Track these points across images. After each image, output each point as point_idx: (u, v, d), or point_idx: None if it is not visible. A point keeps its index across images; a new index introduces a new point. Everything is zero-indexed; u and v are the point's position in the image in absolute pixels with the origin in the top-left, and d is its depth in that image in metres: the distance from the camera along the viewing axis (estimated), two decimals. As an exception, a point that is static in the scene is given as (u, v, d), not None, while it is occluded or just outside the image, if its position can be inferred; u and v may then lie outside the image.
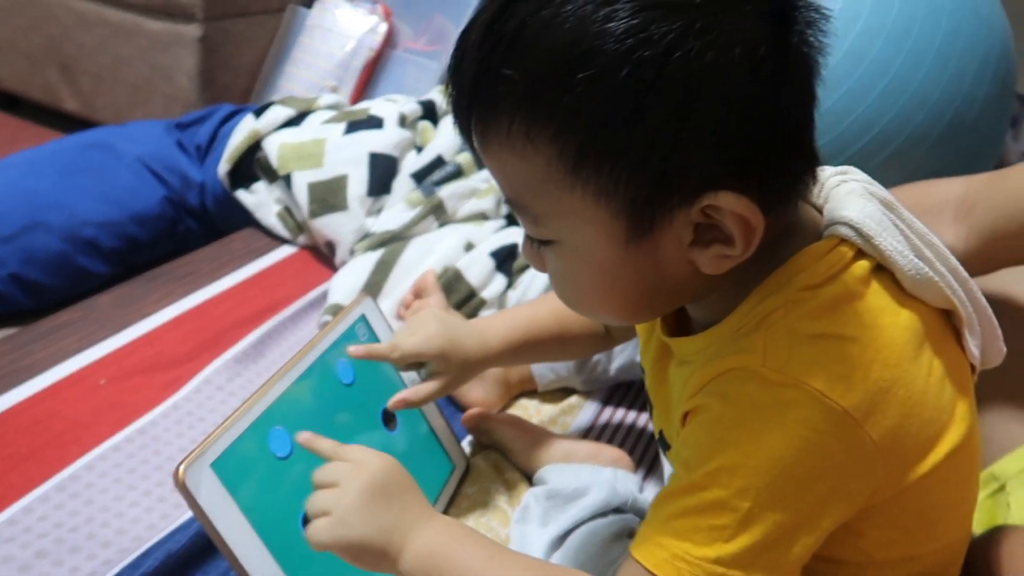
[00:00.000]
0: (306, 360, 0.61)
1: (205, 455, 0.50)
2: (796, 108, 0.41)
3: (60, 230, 1.04)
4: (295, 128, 1.15)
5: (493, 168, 0.44)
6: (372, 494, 0.47)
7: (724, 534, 0.40)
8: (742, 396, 0.41)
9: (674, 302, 0.47)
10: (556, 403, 0.87)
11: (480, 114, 0.42)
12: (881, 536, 0.45)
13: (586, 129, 0.39)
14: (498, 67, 0.40)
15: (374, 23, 1.66)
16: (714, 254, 0.42)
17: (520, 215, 0.45)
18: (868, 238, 0.43)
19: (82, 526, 0.65)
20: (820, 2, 0.41)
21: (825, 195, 0.47)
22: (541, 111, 0.39)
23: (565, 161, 0.40)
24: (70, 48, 1.66)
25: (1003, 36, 0.98)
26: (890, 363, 0.41)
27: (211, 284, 1.00)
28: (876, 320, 0.42)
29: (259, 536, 0.51)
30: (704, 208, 0.40)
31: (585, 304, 0.48)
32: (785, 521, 0.40)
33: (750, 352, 0.42)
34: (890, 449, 0.41)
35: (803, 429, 0.40)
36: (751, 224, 0.40)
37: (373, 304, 0.71)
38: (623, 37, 0.37)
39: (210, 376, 0.83)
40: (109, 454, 0.72)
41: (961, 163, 0.93)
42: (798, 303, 0.42)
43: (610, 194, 0.40)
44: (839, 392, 0.40)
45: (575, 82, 0.38)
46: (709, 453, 0.41)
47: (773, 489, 0.40)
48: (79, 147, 1.16)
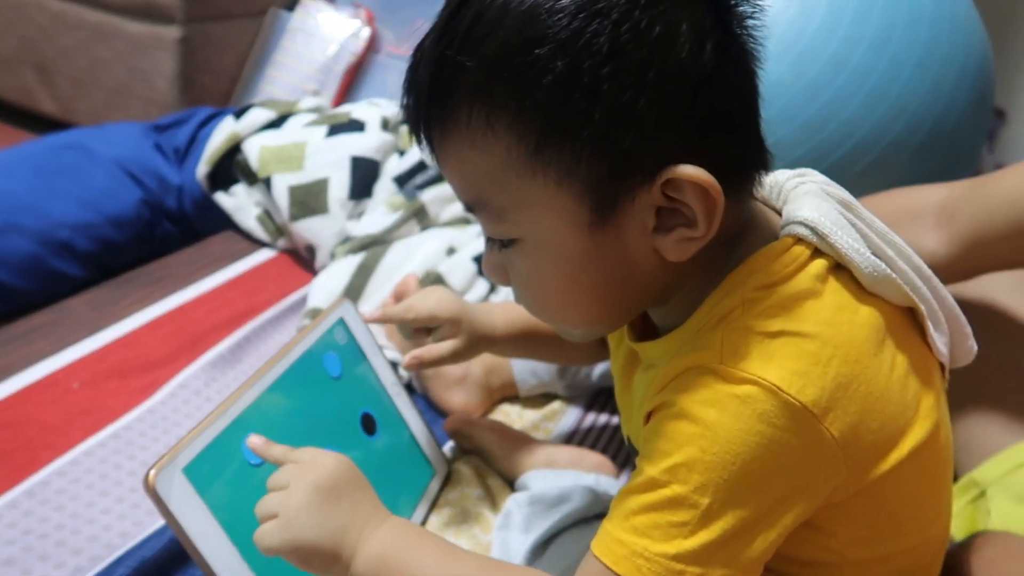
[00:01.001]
0: (282, 364, 0.60)
1: (177, 460, 0.49)
2: (741, 89, 0.42)
3: (33, 232, 1.02)
4: (276, 131, 1.13)
5: (453, 170, 0.44)
6: (321, 494, 0.46)
7: (683, 531, 0.40)
8: (700, 393, 0.41)
9: (640, 300, 0.47)
10: (538, 408, 0.86)
11: (438, 111, 0.42)
12: (851, 535, 0.45)
13: (545, 108, 0.39)
14: (454, 61, 0.41)
15: (356, 27, 1.65)
16: (678, 238, 0.42)
17: (481, 215, 0.45)
18: (824, 236, 0.43)
19: (52, 533, 0.63)
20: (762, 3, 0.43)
21: (783, 197, 0.47)
22: (499, 94, 0.40)
23: (526, 144, 0.40)
24: (47, 49, 1.64)
25: (982, 47, 1.00)
26: (850, 359, 0.41)
27: (188, 287, 0.98)
28: (834, 317, 0.42)
29: (232, 542, 0.50)
30: (664, 186, 0.41)
31: (553, 307, 0.47)
32: (745, 517, 0.40)
33: (708, 349, 0.42)
34: (851, 445, 0.41)
35: (761, 424, 0.40)
36: (712, 197, 0.41)
37: (352, 307, 0.70)
38: (575, 12, 0.38)
39: (187, 380, 0.81)
40: (81, 459, 0.70)
41: (939, 172, 0.94)
42: (755, 301, 0.42)
43: (572, 174, 0.41)
44: (796, 387, 0.40)
45: (531, 60, 0.39)
46: (668, 449, 0.41)
47: (732, 485, 0.40)
48: (54, 148, 1.14)
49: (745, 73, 0.42)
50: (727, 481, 0.40)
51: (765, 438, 0.40)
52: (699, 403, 0.41)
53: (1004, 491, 0.68)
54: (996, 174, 0.70)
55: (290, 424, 0.59)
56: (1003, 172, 0.69)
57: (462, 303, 0.69)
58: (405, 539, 0.46)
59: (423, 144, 0.45)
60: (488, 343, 0.70)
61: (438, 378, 0.84)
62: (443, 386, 0.84)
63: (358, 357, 0.68)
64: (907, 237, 0.49)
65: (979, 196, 0.69)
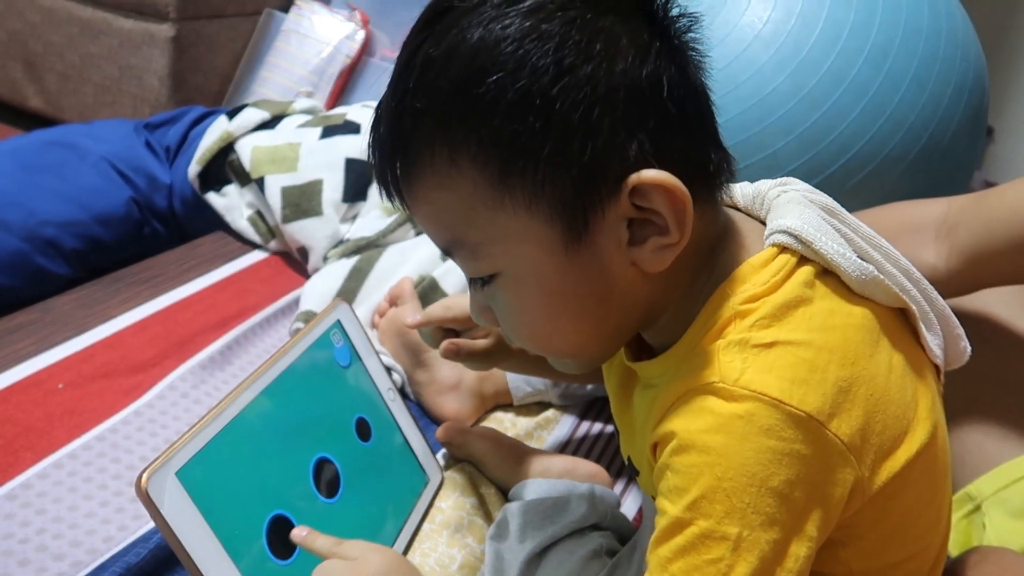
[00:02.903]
0: (278, 367, 0.59)
1: (170, 463, 0.48)
2: (691, 95, 0.42)
3: (19, 229, 1.00)
4: (269, 131, 1.12)
5: (424, 215, 0.45)
6: None
7: (720, 567, 0.39)
8: (702, 418, 0.40)
9: (627, 320, 0.47)
10: (532, 417, 0.85)
11: (402, 158, 0.43)
12: (859, 545, 0.45)
13: (502, 135, 0.40)
14: (410, 105, 0.42)
15: (351, 30, 1.64)
16: (653, 247, 0.42)
17: (459, 258, 0.45)
18: (808, 243, 0.43)
19: (33, 537, 0.61)
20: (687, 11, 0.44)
21: (766, 207, 0.47)
22: (457, 130, 0.41)
23: (489, 174, 0.41)
24: (36, 45, 1.62)
25: (977, 64, 1.00)
26: (847, 362, 0.41)
27: (178, 288, 0.96)
28: (826, 321, 0.42)
29: (224, 549, 0.49)
30: (631, 195, 0.41)
31: (541, 337, 0.47)
32: (775, 538, 0.40)
33: (704, 369, 0.41)
34: (861, 447, 0.41)
35: (769, 440, 0.39)
36: (679, 199, 0.41)
37: (349, 310, 0.69)
38: (517, 38, 0.39)
39: (175, 382, 0.80)
40: (65, 461, 0.68)
41: (934, 187, 0.94)
42: (745, 314, 0.42)
43: (538, 197, 0.41)
44: (798, 398, 0.40)
45: (483, 91, 0.39)
46: (684, 485, 0.40)
47: (756, 507, 0.39)
48: (41, 144, 1.12)
49: (692, 80, 0.43)
50: (750, 505, 0.39)
51: (776, 453, 0.39)
52: (704, 431, 0.40)
53: (999, 506, 0.68)
54: (997, 189, 0.70)
55: (285, 429, 0.57)
56: (1004, 187, 0.69)
57: None
58: None
59: (394, 198, 0.45)
60: (509, 355, 0.71)
61: (431, 384, 0.83)
62: (436, 393, 0.83)
63: (354, 360, 0.67)
64: (906, 251, 0.49)
65: (980, 210, 0.69)
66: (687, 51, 0.43)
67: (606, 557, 0.62)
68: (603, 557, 0.62)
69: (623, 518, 0.69)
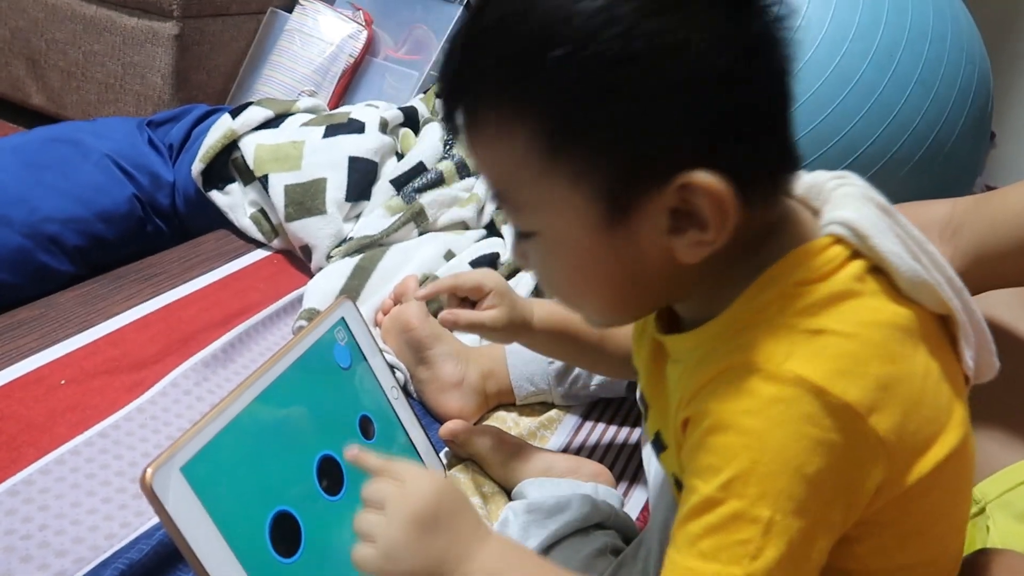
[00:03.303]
0: (282, 364, 0.59)
1: (174, 458, 0.47)
2: (763, 93, 0.41)
3: (21, 225, 1.00)
4: (273, 130, 1.12)
5: (480, 160, 0.45)
6: (419, 525, 0.46)
7: (749, 548, 0.39)
8: (742, 400, 0.40)
9: (657, 297, 0.47)
10: (535, 416, 0.85)
11: (465, 107, 0.44)
12: (877, 542, 0.45)
13: (559, 110, 0.40)
14: (477, 58, 0.42)
15: (355, 30, 1.64)
16: (690, 241, 0.42)
17: (504, 206, 0.46)
18: (865, 238, 0.43)
19: (35, 534, 0.61)
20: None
21: (823, 198, 0.47)
22: (517, 95, 0.41)
23: (541, 144, 0.41)
24: (39, 42, 1.62)
25: (982, 67, 1.01)
26: (888, 359, 0.41)
27: (181, 285, 0.96)
28: (873, 318, 0.42)
29: (229, 546, 0.49)
30: (679, 189, 0.40)
31: (568, 296, 0.48)
32: (804, 526, 0.39)
33: (747, 349, 0.41)
34: (895, 445, 0.41)
35: (807, 427, 0.39)
36: (724, 206, 0.40)
37: (353, 307, 0.68)
38: (590, 17, 0.39)
39: (177, 379, 0.80)
40: (67, 457, 0.68)
41: (939, 189, 0.95)
42: (793, 298, 0.42)
43: (585, 176, 0.41)
44: (841, 387, 0.39)
45: (546, 62, 0.39)
46: (718, 465, 0.40)
47: (789, 493, 0.39)
48: (44, 141, 1.12)
49: (770, 74, 0.42)
50: (783, 490, 0.39)
51: (813, 440, 0.39)
52: (742, 412, 0.40)
53: (1003, 509, 0.68)
54: (1001, 190, 0.69)
55: (288, 426, 0.57)
56: (1008, 189, 0.69)
57: (506, 283, 0.72)
58: (506, 562, 0.47)
59: (455, 133, 0.45)
60: (525, 331, 0.72)
61: (434, 383, 0.83)
62: (439, 391, 0.83)
63: (358, 358, 0.67)
64: None
65: (984, 212, 0.69)
66: (771, 43, 0.41)
67: (611, 556, 0.62)
68: (608, 556, 0.62)
69: (627, 518, 0.69)
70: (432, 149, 1.12)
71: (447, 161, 1.11)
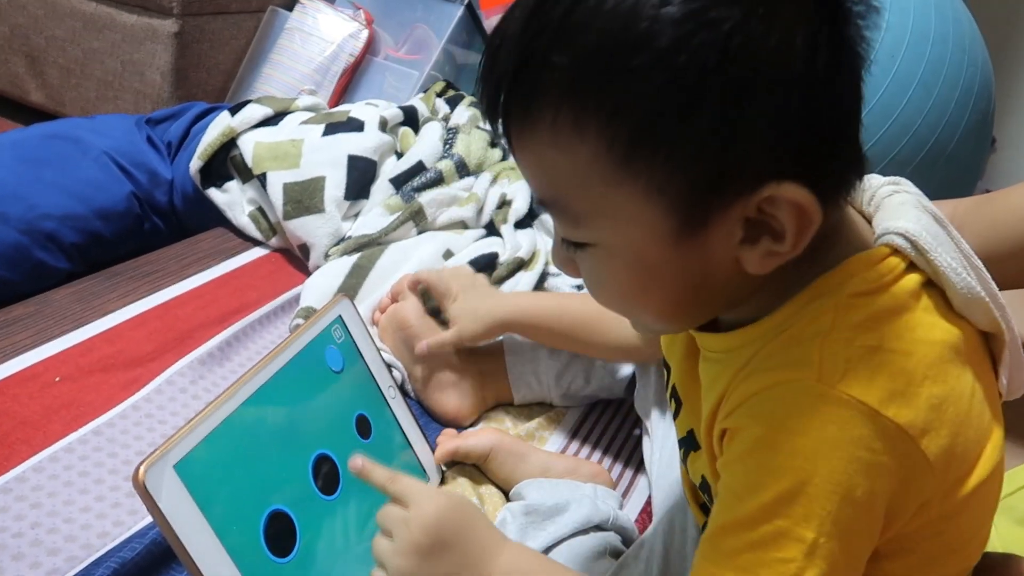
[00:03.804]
0: (278, 362, 0.58)
1: (168, 456, 0.47)
2: (848, 99, 0.39)
3: (18, 221, 0.99)
4: (272, 128, 1.11)
5: (530, 166, 0.42)
6: (423, 553, 0.46)
7: (791, 568, 0.38)
8: (794, 419, 0.39)
9: (716, 307, 0.45)
10: (533, 417, 0.84)
11: (521, 106, 0.40)
12: (911, 560, 0.44)
13: (641, 117, 0.37)
14: (543, 54, 0.38)
15: (355, 29, 1.64)
16: (763, 251, 0.40)
17: (557, 215, 0.43)
18: (923, 252, 0.41)
19: (27, 531, 0.60)
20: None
21: (876, 204, 0.45)
22: (591, 99, 0.37)
23: (615, 153, 0.38)
24: (38, 39, 1.61)
25: (984, 69, 1.00)
26: (939, 380, 0.40)
27: (177, 283, 0.96)
28: (927, 335, 0.41)
29: (223, 545, 0.48)
30: (761, 202, 0.38)
31: (620, 307, 0.46)
32: (849, 547, 0.39)
33: (805, 366, 0.39)
34: (943, 468, 0.40)
35: (860, 451, 0.38)
36: (808, 216, 0.38)
37: (350, 305, 0.68)
38: (681, 21, 0.35)
39: (173, 377, 0.79)
40: (60, 455, 0.68)
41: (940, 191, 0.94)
42: (849, 309, 0.40)
43: (663, 188, 0.38)
44: (894, 409, 0.38)
45: (630, 67, 0.36)
46: (765, 481, 0.39)
47: (836, 516, 0.38)
48: (42, 137, 1.11)
49: (852, 80, 0.39)
50: (831, 513, 0.38)
51: (864, 464, 0.38)
52: (794, 432, 0.39)
53: (1005, 513, 0.68)
54: (1003, 191, 0.69)
55: (284, 425, 0.57)
56: (1009, 190, 0.68)
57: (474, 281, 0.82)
58: (518, 569, 0.46)
59: (500, 132, 0.42)
60: (499, 329, 0.77)
61: (431, 382, 0.83)
62: (436, 390, 0.83)
63: (355, 357, 0.67)
64: None
65: (985, 213, 0.68)
66: (857, 44, 0.39)
67: (610, 558, 0.62)
68: (607, 558, 0.62)
69: (626, 519, 0.68)
70: (431, 148, 1.11)
71: (446, 160, 1.10)
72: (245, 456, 0.52)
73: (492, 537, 0.47)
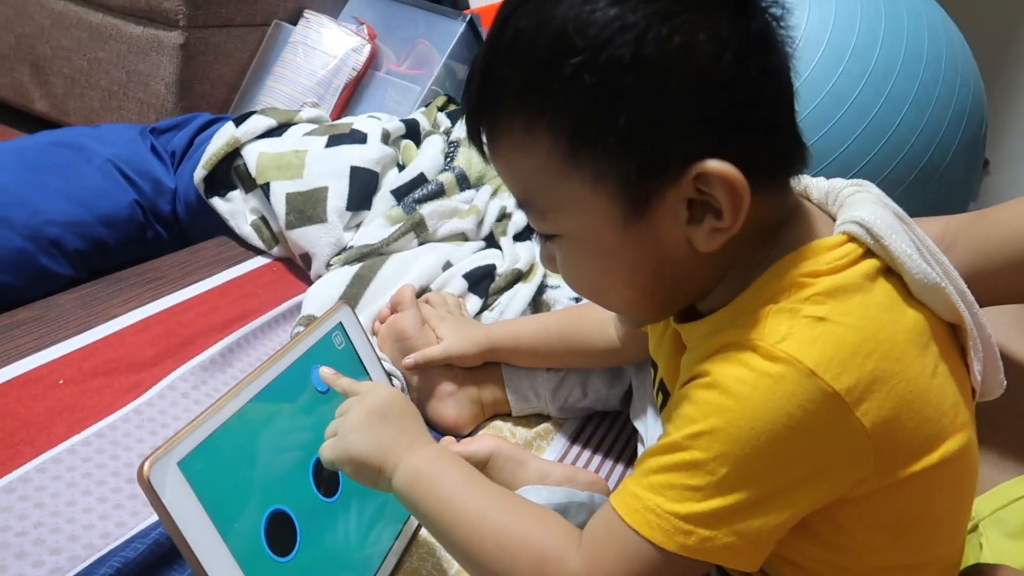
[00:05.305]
0: (281, 364, 0.59)
1: (172, 452, 0.48)
2: (766, 88, 0.43)
3: (22, 227, 1.00)
4: (275, 138, 1.13)
5: (503, 171, 0.48)
6: (372, 416, 0.53)
7: (697, 495, 0.41)
8: (735, 368, 0.42)
9: (682, 291, 0.48)
10: (530, 427, 0.85)
11: (487, 118, 0.46)
12: (871, 539, 0.45)
13: (576, 114, 0.42)
14: (497, 74, 0.45)
15: (358, 44, 1.66)
16: (707, 229, 0.44)
17: (528, 212, 0.48)
18: (878, 238, 0.44)
19: (30, 531, 0.61)
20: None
21: (839, 203, 0.48)
22: (535, 103, 0.43)
23: (561, 148, 0.43)
24: (43, 48, 1.63)
25: (976, 90, 1.02)
26: (891, 356, 0.42)
27: (180, 290, 0.97)
28: (881, 315, 0.43)
29: (224, 542, 0.49)
30: (695, 180, 0.42)
31: (596, 294, 0.50)
32: (761, 493, 0.41)
33: (750, 327, 0.43)
34: (882, 439, 0.42)
35: (790, 407, 0.40)
36: (737, 191, 0.42)
37: (351, 313, 0.69)
38: (602, 25, 0.41)
39: (175, 382, 0.80)
40: (64, 456, 0.68)
41: (933, 209, 0.96)
42: (802, 286, 0.43)
43: (604, 176, 0.43)
44: (832, 374, 0.40)
45: (562, 70, 0.42)
46: (694, 416, 0.42)
47: (751, 461, 0.41)
48: (47, 144, 1.12)
49: (771, 72, 0.44)
50: (747, 456, 0.40)
51: (793, 420, 0.40)
52: (733, 378, 0.42)
53: (996, 526, 0.68)
54: (995, 208, 0.70)
55: (286, 427, 0.57)
56: (1002, 206, 0.70)
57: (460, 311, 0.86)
58: (440, 461, 0.51)
59: (479, 149, 0.48)
60: (489, 354, 0.79)
61: (430, 391, 0.84)
62: (435, 399, 0.83)
63: (355, 364, 0.67)
64: None
65: (977, 229, 0.69)
66: (771, 42, 0.44)
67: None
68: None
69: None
70: (433, 161, 1.13)
71: (448, 173, 1.12)
72: (248, 455, 0.53)
73: (427, 432, 0.55)
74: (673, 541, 0.41)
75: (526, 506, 0.49)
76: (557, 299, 0.98)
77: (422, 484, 0.50)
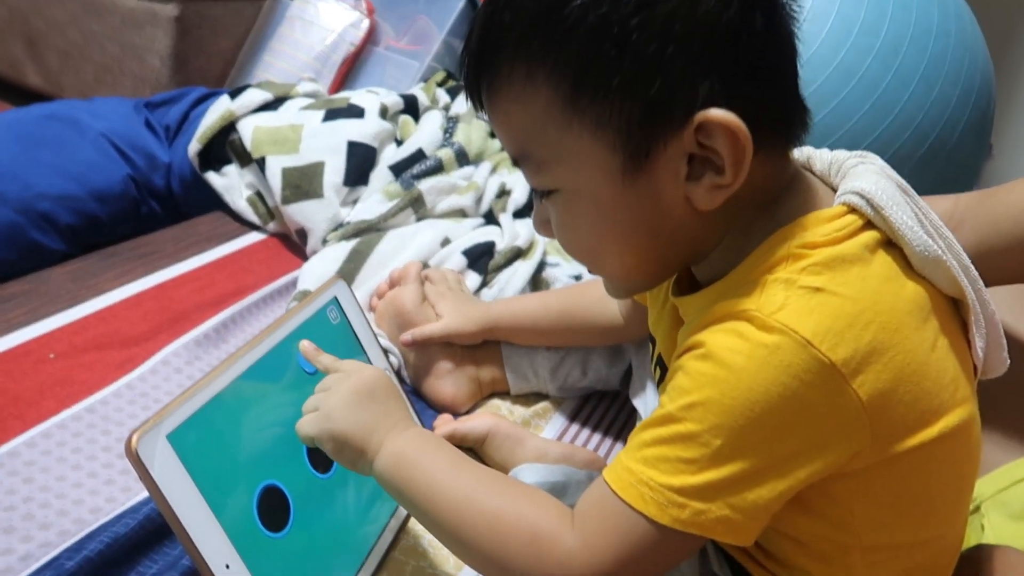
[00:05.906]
0: (274, 338, 0.58)
1: (161, 425, 0.47)
2: (772, 45, 0.43)
3: (14, 201, 0.99)
4: (271, 112, 1.11)
5: (500, 124, 0.47)
6: (357, 395, 0.52)
7: (691, 467, 0.40)
8: (730, 338, 0.41)
9: (675, 252, 0.47)
10: (529, 406, 0.84)
11: (486, 69, 0.45)
12: (870, 515, 0.44)
13: (578, 60, 0.42)
14: (498, 22, 0.44)
15: (356, 19, 1.63)
16: (707, 185, 0.43)
17: (525, 167, 0.47)
18: (879, 209, 0.43)
19: (20, 505, 0.60)
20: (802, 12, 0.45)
21: (841, 174, 0.47)
22: (537, 49, 0.43)
23: (562, 96, 0.43)
24: (37, 22, 1.60)
25: (984, 67, 1.00)
26: (889, 328, 0.41)
27: (174, 265, 0.95)
28: (880, 287, 0.42)
29: (215, 516, 0.48)
30: (696, 132, 0.41)
31: (589, 255, 0.49)
32: (754, 465, 0.40)
33: (746, 297, 0.42)
34: (879, 411, 0.41)
35: (785, 377, 0.39)
36: (740, 142, 0.41)
37: (346, 287, 0.67)
38: None
39: (168, 357, 0.79)
40: (54, 431, 0.67)
41: (939, 188, 0.94)
42: (799, 258, 0.42)
43: (605, 124, 0.42)
44: (828, 344, 0.40)
45: (565, 15, 0.41)
46: (688, 387, 0.41)
47: (746, 432, 0.40)
48: (40, 118, 1.11)
49: (775, 30, 0.43)
50: (742, 427, 0.40)
51: (788, 391, 0.39)
52: (727, 348, 0.41)
53: (998, 507, 0.68)
54: (1004, 186, 0.69)
55: (280, 401, 0.56)
56: (1011, 184, 0.68)
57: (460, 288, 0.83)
58: (425, 444, 0.50)
59: (477, 105, 0.47)
60: (488, 332, 0.77)
61: (428, 368, 0.82)
62: (433, 377, 0.82)
63: (350, 339, 0.66)
64: None
65: (985, 208, 0.68)
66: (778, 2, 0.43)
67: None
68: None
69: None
70: (431, 136, 1.11)
71: (446, 149, 1.10)
72: (239, 430, 0.52)
73: (411, 415, 0.53)
74: (666, 514, 0.41)
75: (516, 486, 0.48)
76: (557, 277, 0.97)
77: (407, 466, 0.49)
